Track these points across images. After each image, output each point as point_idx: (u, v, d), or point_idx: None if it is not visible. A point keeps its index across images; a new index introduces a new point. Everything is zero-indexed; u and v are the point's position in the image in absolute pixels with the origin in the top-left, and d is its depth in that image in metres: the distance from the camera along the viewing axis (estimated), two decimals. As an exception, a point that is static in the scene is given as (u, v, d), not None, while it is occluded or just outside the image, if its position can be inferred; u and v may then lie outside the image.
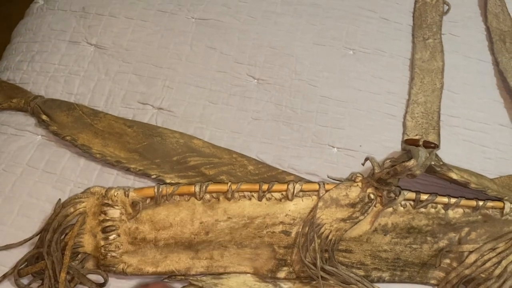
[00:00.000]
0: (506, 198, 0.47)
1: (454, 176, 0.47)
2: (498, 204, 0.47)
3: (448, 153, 0.54)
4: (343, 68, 0.60)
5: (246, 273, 0.47)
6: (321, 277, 0.45)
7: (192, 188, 0.46)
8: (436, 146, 0.54)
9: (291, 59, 0.60)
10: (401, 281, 0.48)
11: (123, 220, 0.46)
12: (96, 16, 0.63)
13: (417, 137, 0.55)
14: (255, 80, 0.59)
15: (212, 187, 0.46)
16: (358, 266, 0.47)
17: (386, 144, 0.55)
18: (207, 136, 0.54)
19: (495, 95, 0.60)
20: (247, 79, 0.59)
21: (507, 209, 0.47)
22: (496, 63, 0.62)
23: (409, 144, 0.53)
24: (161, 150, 0.51)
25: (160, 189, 0.46)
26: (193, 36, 0.61)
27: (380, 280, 0.48)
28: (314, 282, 0.46)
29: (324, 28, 0.63)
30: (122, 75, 0.59)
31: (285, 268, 0.46)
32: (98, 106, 0.56)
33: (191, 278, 0.45)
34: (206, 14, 0.63)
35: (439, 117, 0.56)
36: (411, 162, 0.44)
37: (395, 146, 0.55)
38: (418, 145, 0.54)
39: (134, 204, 0.46)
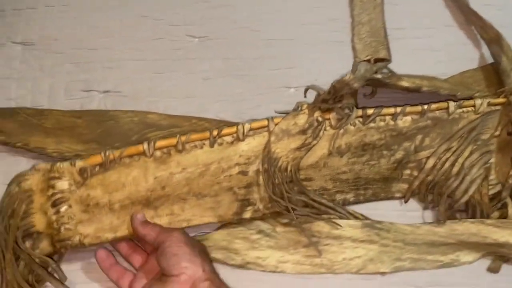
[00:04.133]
0: (459, 93, 0.48)
1: (404, 83, 0.47)
2: (442, 104, 0.47)
3: (401, 65, 0.53)
4: (281, 6, 0.58)
5: (210, 223, 0.47)
6: (292, 209, 0.45)
7: (140, 147, 0.45)
8: (387, 60, 0.53)
9: (228, 9, 0.58)
10: (366, 200, 0.48)
11: (72, 190, 0.45)
12: (14, 12, 0.59)
13: (368, 58, 0.54)
14: (196, 39, 0.57)
15: (160, 142, 0.46)
16: (321, 192, 0.47)
17: (341, 72, 0.53)
18: (161, 108, 0.53)
19: (435, -3, 0.59)
20: (187, 40, 0.56)
21: (451, 108, 0.47)
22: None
23: (362, 67, 0.53)
24: (118, 133, 0.50)
25: (107, 154, 0.45)
26: (119, 9, 0.58)
27: (346, 202, 0.48)
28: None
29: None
30: (58, 67, 0.55)
31: (249, 208, 0.46)
32: (42, 105, 0.54)
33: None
34: (128, -17, 0.60)
35: (385, 32, 0.56)
36: (347, 76, 0.44)
37: (350, 72, 0.54)
38: (370, 66, 0.53)
39: (81, 171, 0.45)
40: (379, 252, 0.45)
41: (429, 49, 0.56)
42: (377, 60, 0.53)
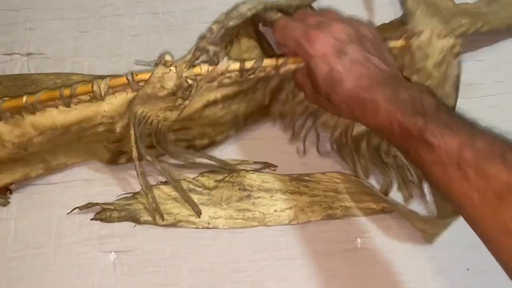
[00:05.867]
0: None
1: None
2: None
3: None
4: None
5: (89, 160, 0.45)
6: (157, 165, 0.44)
7: None
8: None
9: (154, -39, 0.55)
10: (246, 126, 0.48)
11: None
12: None
13: None
14: (124, -5, 0.54)
15: (7, 104, 0.41)
16: (201, 137, 0.46)
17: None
18: (86, 69, 0.50)
19: None
20: (112, -4, 0.54)
21: None
22: None
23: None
24: (40, 97, 0.47)
25: None
26: (41, -34, 0.55)
27: (228, 137, 0.47)
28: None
29: None
30: (-25, 31, 0.53)
31: (124, 156, 0.46)
32: (-41, 74, 0.51)
33: (102, 204, 0.44)
34: None
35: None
36: (221, 16, 0.41)
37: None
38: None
39: None
40: (310, 202, 0.45)
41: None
42: None
